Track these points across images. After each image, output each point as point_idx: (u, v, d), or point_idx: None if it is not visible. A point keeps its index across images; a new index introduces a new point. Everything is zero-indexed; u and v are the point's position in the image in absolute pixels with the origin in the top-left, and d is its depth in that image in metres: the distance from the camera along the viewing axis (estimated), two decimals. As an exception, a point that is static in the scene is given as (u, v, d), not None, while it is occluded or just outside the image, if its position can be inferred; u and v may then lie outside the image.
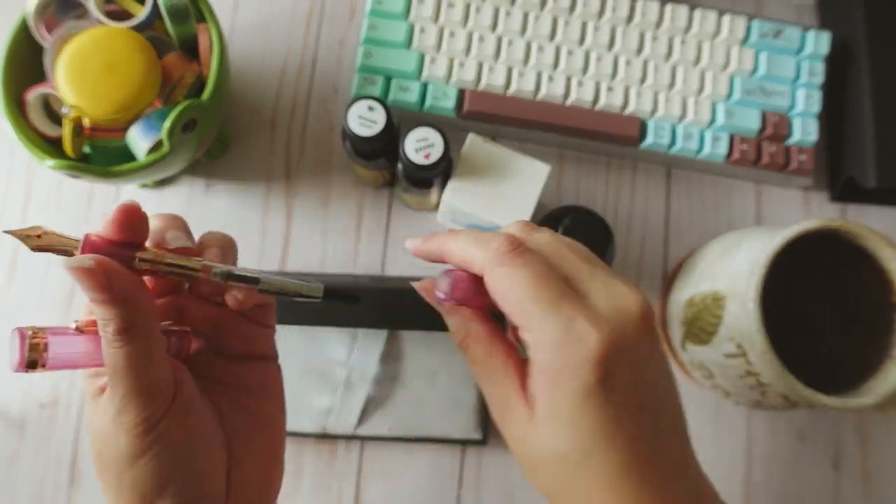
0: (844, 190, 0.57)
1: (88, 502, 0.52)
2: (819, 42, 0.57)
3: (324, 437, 0.51)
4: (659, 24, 0.56)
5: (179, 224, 0.31)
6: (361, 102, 0.47)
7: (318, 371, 0.51)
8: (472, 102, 0.54)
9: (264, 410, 0.34)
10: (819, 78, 0.56)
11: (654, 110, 0.55)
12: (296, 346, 0.51)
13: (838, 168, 0.57)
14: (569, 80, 0.55)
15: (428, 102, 0.54)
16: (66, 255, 0.27)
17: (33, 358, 0.25)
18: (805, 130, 0.56)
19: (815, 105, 0.56)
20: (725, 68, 0.56)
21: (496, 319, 0.30)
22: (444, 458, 0.53)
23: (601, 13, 0.56)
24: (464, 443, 0.52)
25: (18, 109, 0.46)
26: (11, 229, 0.26)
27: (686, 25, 0.56)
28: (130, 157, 0.47)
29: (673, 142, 0.55)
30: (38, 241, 0.26)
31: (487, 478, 0.53)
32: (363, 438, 0.51)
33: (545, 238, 0.30)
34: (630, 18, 0.56)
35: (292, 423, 0.51)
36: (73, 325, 0.27)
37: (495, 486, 0.53)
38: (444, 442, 0.51)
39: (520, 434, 0.27)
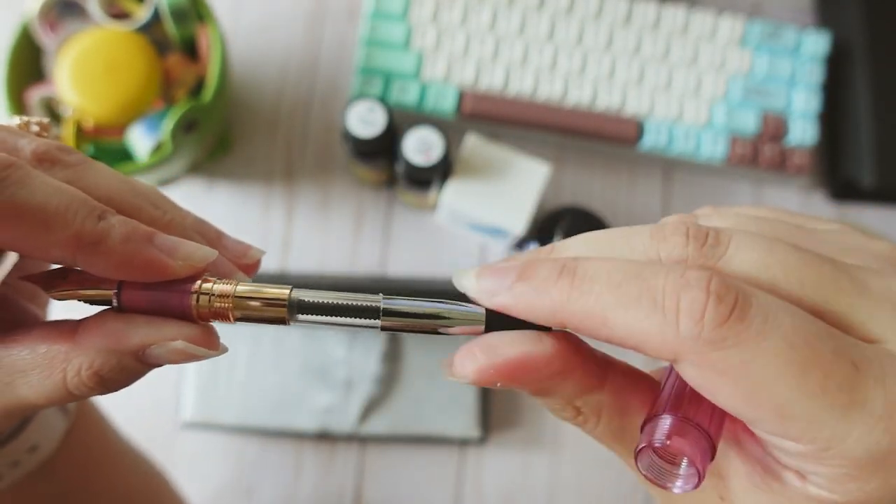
0: (843, 189, 0.58)
1: None
2: (817, 42, 0.57)
3: (324, 436, 0.51)
4: (656, 24, 0.56)
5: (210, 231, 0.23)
6: (361, 103, 0.48)
7: (318, 370, 0.51)
8: (471, 103, 0.54)
9: None
10: (817, 78, 0.57)
11: (653, 111, 0.55)
12: (296, 345, 0.52)
13: (837, 168, 0.58)
14: (567, 80, 0.55)
15: (427, 103, 0.55)
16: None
17: None
18: (803, 131, 0.56)
19: (814, 105, 0.56)
20: (723, 69, 0.56)
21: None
22: (443, 457, 0.53)
23: (599, 14, 0.56)
24: (463, 441, 0.52)
25: (21, 110, 0.46)
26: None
27: (684, 26, 0.56)
28: (132, 157, 0.47)
29: (671, 142, 0.55)
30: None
31: (487, 477, 0.53)
32: (363, 437, 0.52)
33: (758, 244, 0.17)
34: (628, 19, 0.56)
35: (292, 423, 0.51)
36: None
37: (495, 486, 0.53)
38: (444, 441, 0.52)
39: None
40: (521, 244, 0.54)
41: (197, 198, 0.56)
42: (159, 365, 0.19)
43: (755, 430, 0.17)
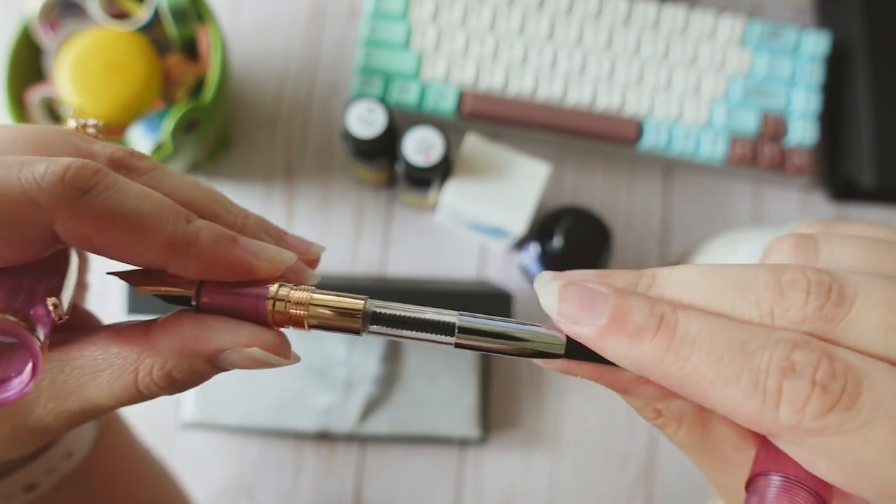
0: (843, 189, 0.58)
1: None
2: (817, 42, 0.57)
3: (324, 436, 0.51)
4: (656, 24, 0.56)
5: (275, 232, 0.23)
6: (361, 103, 0.48)
7: (319, 370, 0.51)
8: (471, 103, 0.54)
9: None
10: (817, 78, 0.57)
11: (652, 111, 0.55)
12: (295, 345, 0.51)
13: (837, 168, 0.58)
14: (567, 80, 0.55)
15: (427, 103, 0.55)
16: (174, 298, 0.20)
17: None
18: (803, 131, 0.56)
19: (814, 105, 0.56)
20: (723, 69, 0.56)
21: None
22: (443, 458, 0.53)
23: (599, 14, 0.56)
24: (463, 441, 0.52)
25: (21, 110, 0.46)
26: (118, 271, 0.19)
27: (684, 26, 0.56)
28: (132, 157, 0.47)
29: (671, 142, 0.55)
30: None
31: (487, 477, 0.53)
32: (363, 438, 0.52)
33: (886, 299, 0.16)
34: (628, 19, 0.56)
35: (292, 423, 0.51)
36: None
37: (495, 486, 0.53)
38: (444, 441, 0.52)
39: None
40: (521, 244, 0.54)
41: (197, 198, 0.56)
42: (230, 369, 0.19)
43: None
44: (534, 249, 0.51)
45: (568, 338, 0.18)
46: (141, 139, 0.46)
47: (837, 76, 0.58)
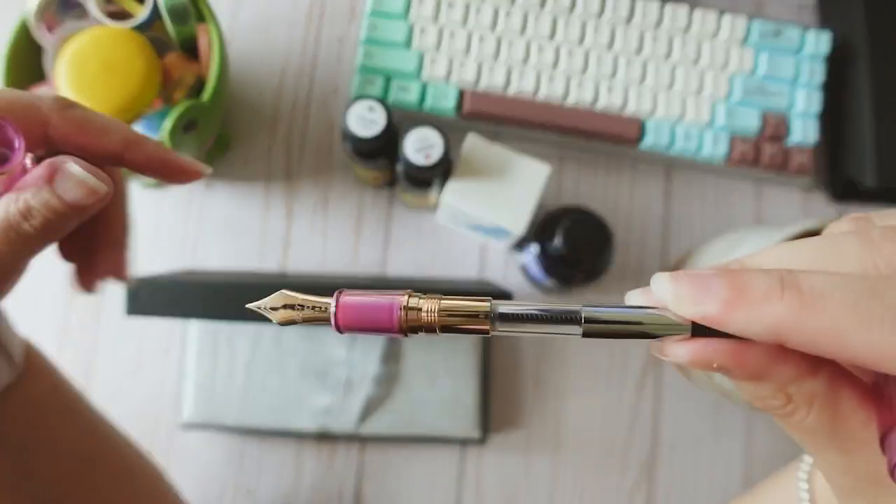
0: (844, 190, 0.57)
1: None
2: (819, 42, 0.57)
3: (324, 436, 0.51)
4: (659, 23, 0.56)
5: None
6: (361, 103, 0.47)
7: (318, 371, 0.51)
8: (472, 102, 0.54)
9: None
10: (819, 78, 0.56)
11: (654, 110, 0.55)
12: (296, 345, 0.51)
13: (838, 168, 0.58)
14: (568, 80, 0.55)
15: (428, 102, 0.54)
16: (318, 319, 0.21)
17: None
18: (805, 130, 0.56)
19: (815, 105, 0.56)
20: (725, 68, 0.56)
21: None
22: (444, 458, 0.53)
23: (601, 13, 0.56)
24: (463, 442, 0.52)
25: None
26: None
27: (686, 25, 0.56)
28: (131, 157, 0.47)
29: (672, 142, 0.55)
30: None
31: (487, 477, 0.53)
32: (363, 438, 0.52)
33: None
34: (630, 18, 0.56)
35: (292, 423, 0.51)
36: None
37: (495, 486, 0.53)
38: (444, 441, 0.52)
39: None
40: (521, 244, 0.53)
41: (196, 198, 0.56)
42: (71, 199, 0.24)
43: None
44: (534, 249, 0.51)
45: (694, 323, 0.18)
46: (140, 139, 0.45)
47: (839, 76, 0.58)
